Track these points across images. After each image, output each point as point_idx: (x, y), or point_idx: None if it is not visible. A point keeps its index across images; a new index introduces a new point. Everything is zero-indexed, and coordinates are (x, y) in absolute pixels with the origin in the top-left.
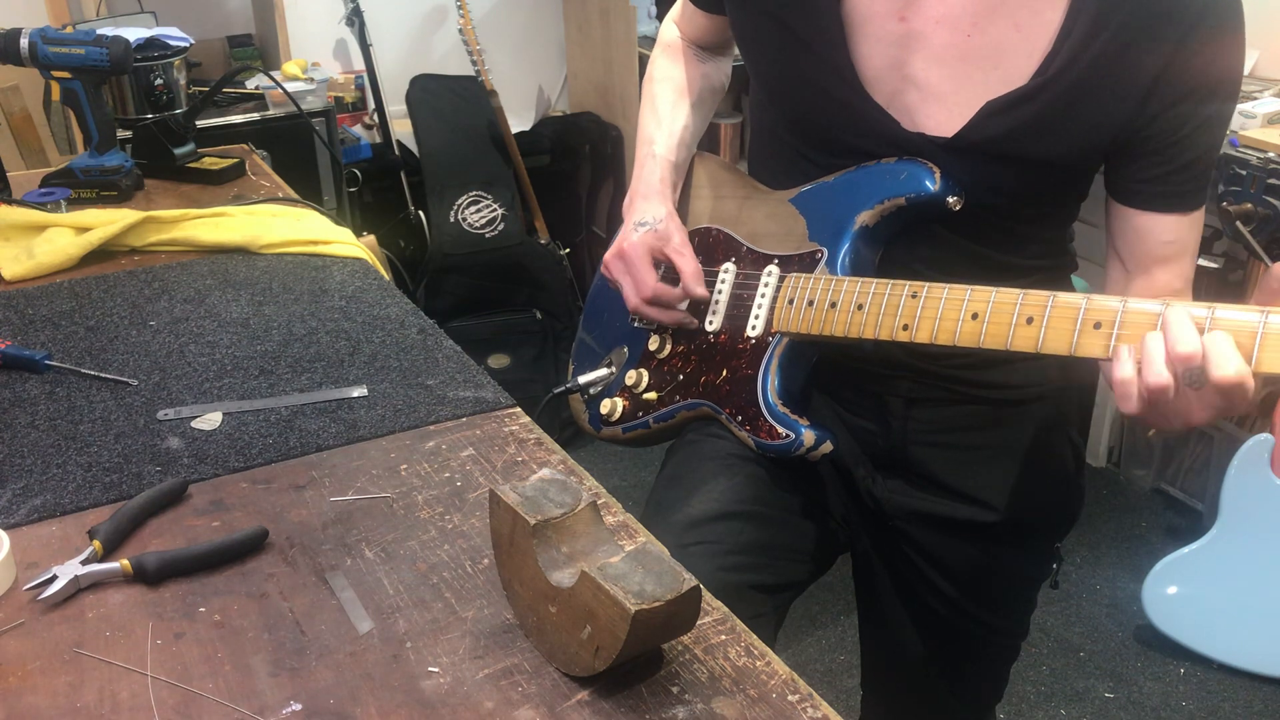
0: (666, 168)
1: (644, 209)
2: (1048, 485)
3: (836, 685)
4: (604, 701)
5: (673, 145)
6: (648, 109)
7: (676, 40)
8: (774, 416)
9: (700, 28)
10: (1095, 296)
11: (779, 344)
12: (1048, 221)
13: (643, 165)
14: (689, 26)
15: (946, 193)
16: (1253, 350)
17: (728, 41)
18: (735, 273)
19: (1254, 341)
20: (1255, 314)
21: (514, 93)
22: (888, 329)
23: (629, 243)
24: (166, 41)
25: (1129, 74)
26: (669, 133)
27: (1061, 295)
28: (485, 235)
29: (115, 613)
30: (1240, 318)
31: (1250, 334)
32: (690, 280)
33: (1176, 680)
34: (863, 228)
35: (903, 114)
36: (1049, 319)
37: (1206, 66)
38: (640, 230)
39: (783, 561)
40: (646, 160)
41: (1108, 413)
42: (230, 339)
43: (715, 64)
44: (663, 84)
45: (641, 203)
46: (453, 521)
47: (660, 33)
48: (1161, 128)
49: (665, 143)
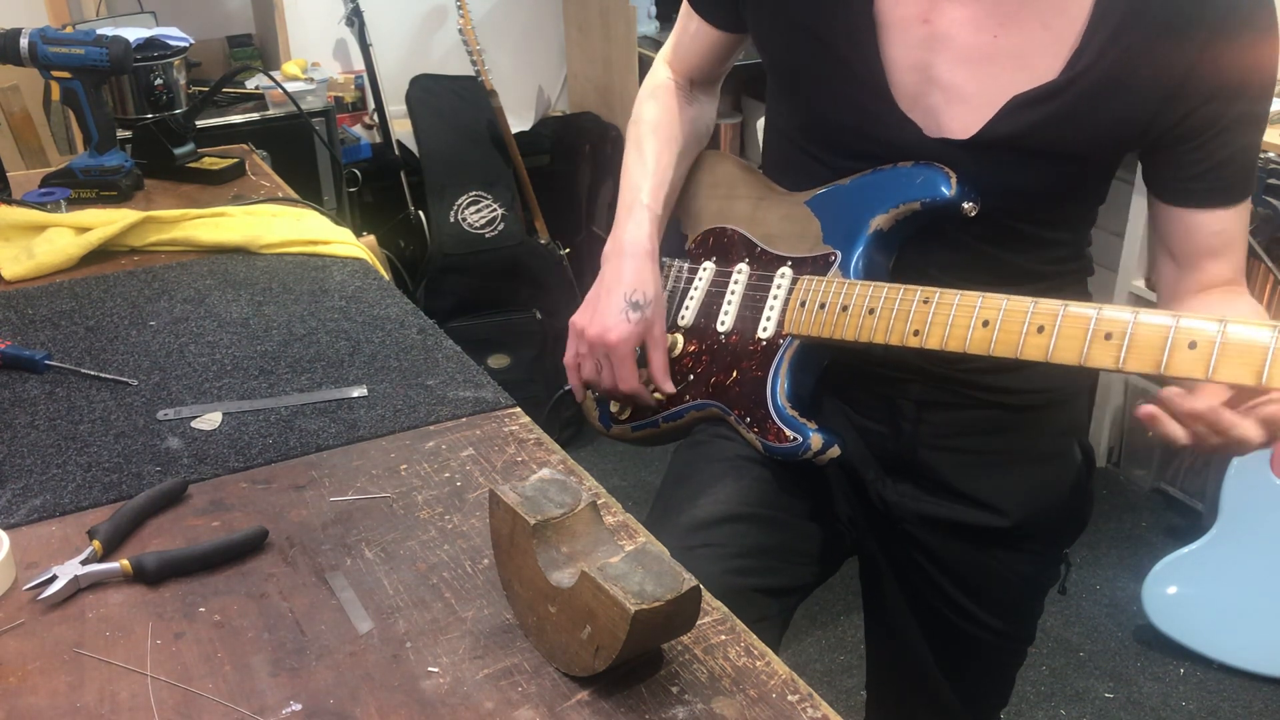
0: (654, 222)
1: (636, 281)
2: (1058, 491)
3: (836, 685)
4: (604, 701)
5: (660, 196)
6: (634, 154)
7: (666, 82)
8: (782, 419)
9: (701, 52)
10: (1107, 307)
11: (790, 346)
12: (1066, 226)
13: (630, 212)
14: (687, 55)
15: (962, 198)
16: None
17: (723, 71)
18: (749, 273)
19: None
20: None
21: (514, 93)
22: (898, 334)
23: (617, 334)
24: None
25: (1158, 70)
26: (656, 183)
27: (1073, 305)
28: (485, 235)
29: (115, 613)
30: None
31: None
32: (659, 376)
33: (1176, 680)
34: (877, 231)
35: (926, 117)
36: (1060, 329)
37: (1236, 64)
38: (634, 316)
39: (789, 565)
40: (634, 208)
41: (1108, 413)
42: (230, 339)
43: (701, 107)
44: (649, 129)
45: (631, 264)
46: (453, 521)
47: (649, 75)
48: (1194, 125)
49: (652, 193)
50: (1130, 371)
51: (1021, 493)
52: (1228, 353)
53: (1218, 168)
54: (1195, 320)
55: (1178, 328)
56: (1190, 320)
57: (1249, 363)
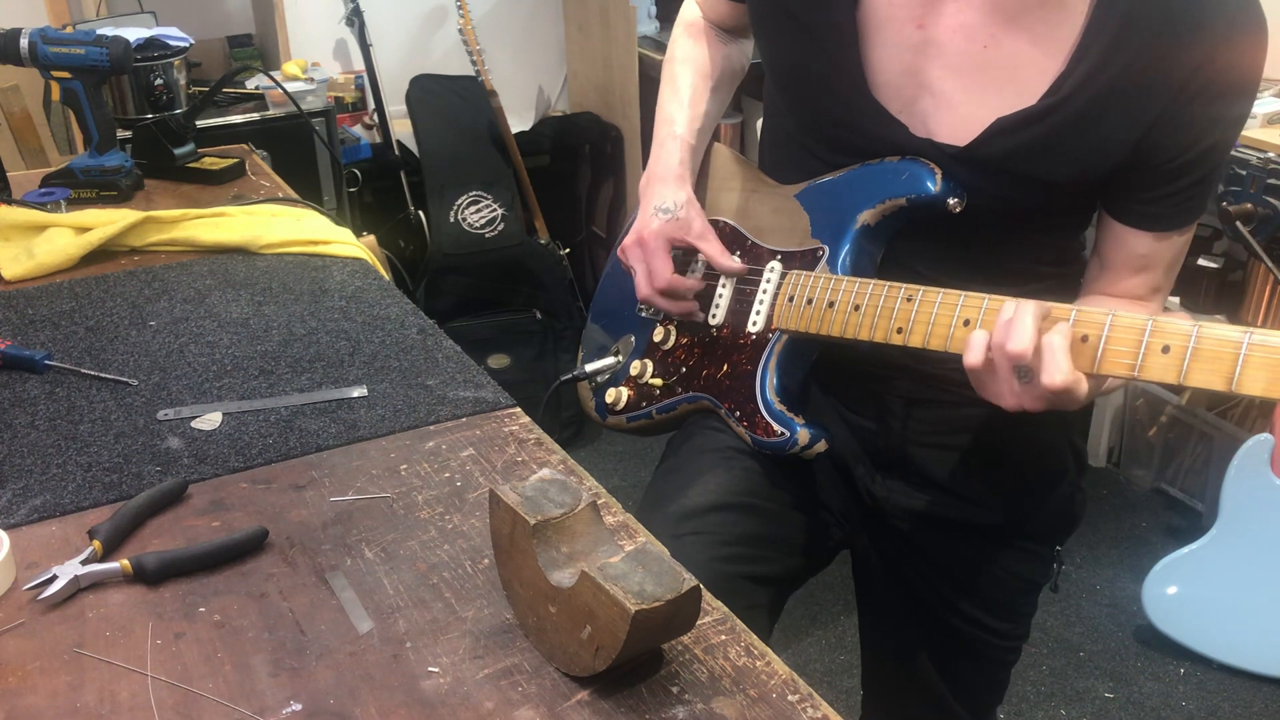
0: (686, 150)
1: (663, 193)
2: (1048, 488)
3: (836, 685)
4: (604, 701)
5: (694, 128)
6: (668, 88)
7: (698, 19)
8: (770, 414)
9: (721, 13)
10: (1085, 309)
11: (778, 341)
12: (1056, 231)
13: (662, 145)
14: (710, 8)
15: (947, 194)
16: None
17: (748, 26)
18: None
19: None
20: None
21: (514, 93)
22: (882, 331)
23: (648, 230)
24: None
25: (1140, 97)
26: (690, 115)
27: (1053, 307)
28: (485, 235)
29: (115, 613)
30: (1180, 328)
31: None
32: (722, 260)
33: (1176, 680)
34: (864, 226)
35: (915, 119)
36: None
37: (1218, 95)
38: (661, 217)
39: (777, 554)
40: (666, 140)
41: (1108, 413)
42: (230, 339)
43: (738, 45)
44: (684, 64)
45: (660, 186)
46: (453, 521)
47: (681, 11)
48: (1161, 157)
49: (686, 125)
50: (1105, 374)
51: (1011, 489)
52: (1200, 357)
53: (1170, 196)
54: (1170, 324)
55: (1152, 331)
56: (1165, 324)
57: (1220, 368)
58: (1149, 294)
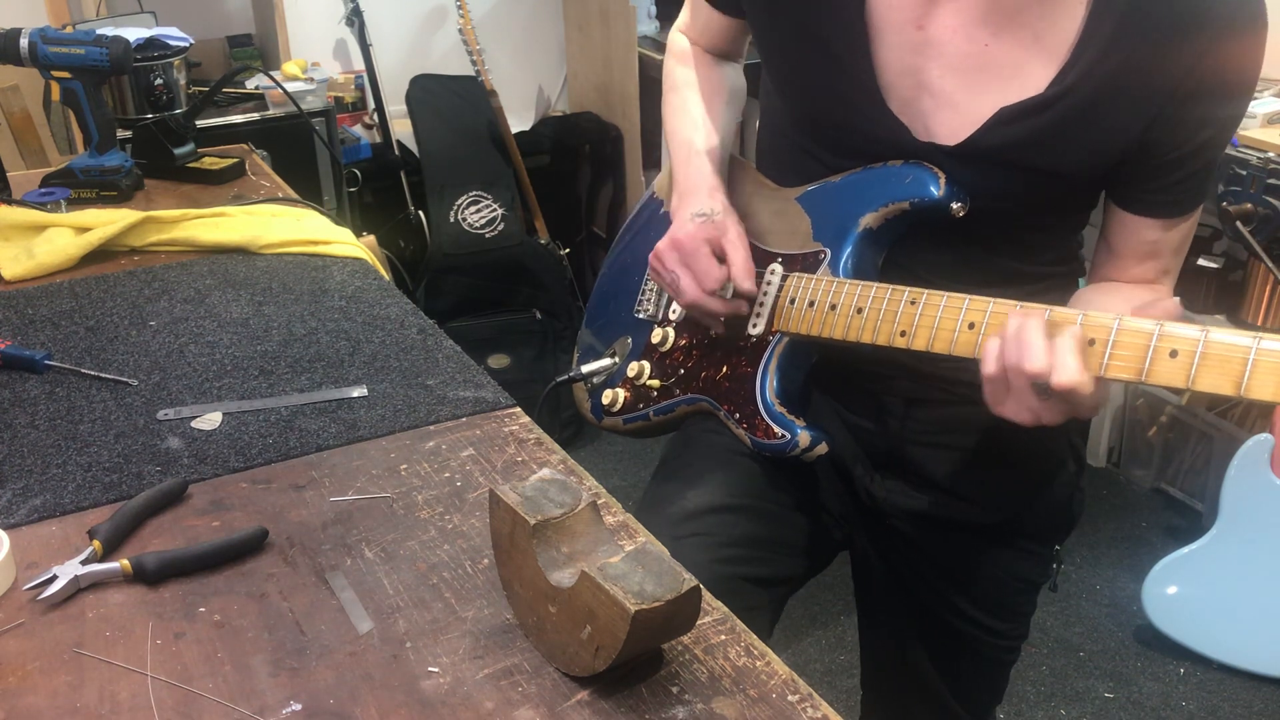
0: (714, 162)
1: (698, 203)
2: (1047, 487)
3: (836, 685)
4: (604, 701)
5: (714, 144)
6: (677, 115)
7: (689, 48)
8: (771, 416)
9: (715, 33)
10: (1091, 313)
11: (779, 343)
12: (1056, 229)
13: (688, 163)
14: (703, 33)
15: (950, 199)
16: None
17: (741, 47)
18: None
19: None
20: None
21: (514, 93)
22: (886, 334)
23: (685, 233)
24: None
25: (1141, 92)
26: (708, 132)
27: (1058, 310)
28: (485, 235)
29: (115, 613)
30: (1187, 333)
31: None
32: (739, 274)
33: (1176, 680)
34: (866, 230)
35: (916, 120)
36: None
37: (1220, 85)
38: (697, 221)
39: (777, 555)
40: (691, 158)
41: (1108, 413)
42: (230, 339)
43: (732, 67)
44: (687, 89)
45: (692, 198)
46: (453, 521)
47: (669, 44)
48: (1166, 145)
49: (706, 141)
50: (1112, 378)
51: (1009, 489)
52: (1208, 362)
53: (1175, 184)
54: (1178, 328)
55: (1160, 335)
56: (1173, 328)
57: (1228, 373)
58: (1158, 277)
